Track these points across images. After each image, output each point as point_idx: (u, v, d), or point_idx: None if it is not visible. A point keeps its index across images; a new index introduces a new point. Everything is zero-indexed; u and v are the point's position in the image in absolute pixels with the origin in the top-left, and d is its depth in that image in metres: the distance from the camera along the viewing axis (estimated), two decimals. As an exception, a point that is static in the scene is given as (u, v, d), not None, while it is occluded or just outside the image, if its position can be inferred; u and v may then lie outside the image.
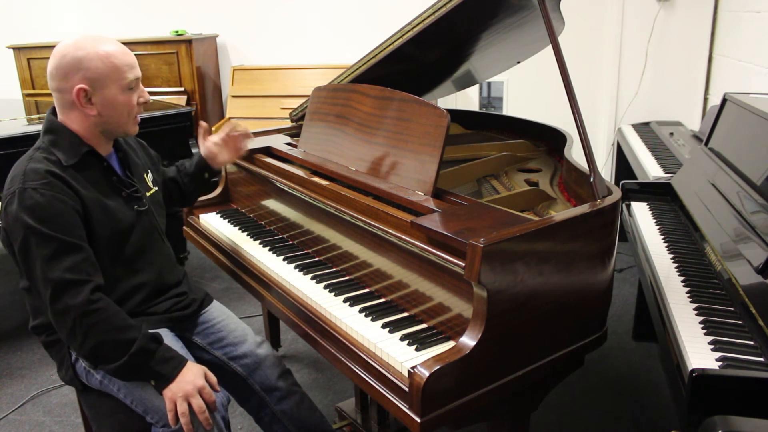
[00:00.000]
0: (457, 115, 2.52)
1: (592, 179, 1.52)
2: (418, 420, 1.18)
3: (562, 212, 1.42)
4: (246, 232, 2.04)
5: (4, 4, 4.88)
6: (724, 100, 2.23)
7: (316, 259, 1.81)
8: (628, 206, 2.30)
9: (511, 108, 4.22)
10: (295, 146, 2.10)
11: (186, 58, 4.19)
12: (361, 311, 1.49)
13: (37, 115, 3.33)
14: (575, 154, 1.84)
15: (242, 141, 1.93)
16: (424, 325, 1.42)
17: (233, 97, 4.26)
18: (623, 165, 3.45)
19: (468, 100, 4.34)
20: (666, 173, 2.63)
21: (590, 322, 1.49)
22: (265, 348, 1.78)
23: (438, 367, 1.17)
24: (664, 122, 3.64)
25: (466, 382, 1.23)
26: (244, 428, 2.30)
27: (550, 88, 2.84)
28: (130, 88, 1.54)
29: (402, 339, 1.36)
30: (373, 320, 1.45)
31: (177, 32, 4.29)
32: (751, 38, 3.14)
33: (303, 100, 2.28)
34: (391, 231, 1.46)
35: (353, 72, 2.05)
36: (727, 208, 1.80)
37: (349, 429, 2.06)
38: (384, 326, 1.42)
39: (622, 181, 2.37)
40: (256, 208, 2.17)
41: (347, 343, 1.41)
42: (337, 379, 2.58)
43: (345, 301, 1.55)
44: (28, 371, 2.74)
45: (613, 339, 2.82)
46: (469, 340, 1.23)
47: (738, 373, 1.23)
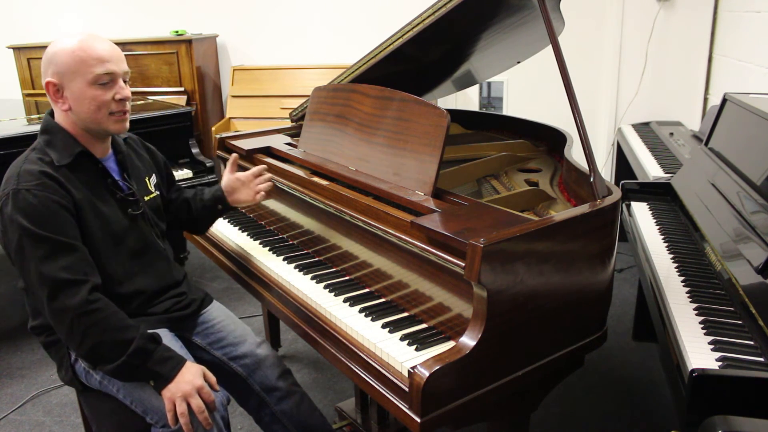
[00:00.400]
0: (457, 115, 2.52)
1: (592, 179, 1.52)
2: (418, 420, 1.18)
3: (562, 212, 1.42)
4: (246, 232, 2.05)
5: (4, 4, 4.88)
6: (724, 100, 2.23)
7: (316, 259, 1.81)
8: (628, 206, 2.30)
9: (511, 108, 4.22)
10: (295, 146, 2.10)
11: (186, 58, 4.19)
12: (361, 311, 1.49)
13: (37, 115, 3.33)
14: (575, 154, 1.84)
15: (264, 186, 1.88)
16: (424, 325, 1.42)
17: (233, 97, 4.26)
18: (623, 165, 3.45)
19: (468, 100, 4.34)
20: (666, 173, 2.63)
21: (590, 322, 1.49)
22: (265, 348, 1.78)
23: (438, 367, 1.17)
24: (664, 122, 3.64)
25: (466, 382, 1.23)
26: (244, 428, 2.30)
27: (550, 88, 2.84)
28: (101, 83, 1.49)
29: (402, 339, 1.36)
30: (373, 320, 1.45)
31: (177, 32, 4.29)
32: (751, 38, 3.14)
33: (303, 100, 2.28)
34: (391, 231, 1.46)
35: (353, 72, 2.05)
36: (727, 208, 1.80)
37: (349, 429, 2.06)
38: (384, 326, 1.42)
39: (622, 181, 2.37)
40: (256, 208, 2.17)
41: (347, 343, 1.41)
42: (337, 379, 2.58)
43: (345, 301, 1.55)
44: (28, 371, 2.74)
45: (613, 339, 2.82)
46: (469, 340, 1.23)
47: (738, 373, 1.23)
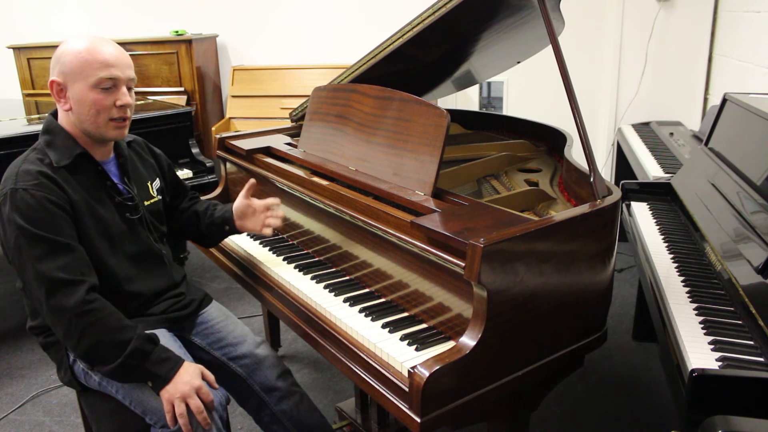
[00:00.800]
0: (457, 115, 2.52)
1: (592, 179, 1.52)
2: (418, 420, 1.18)
3: (562, 212, 1.42)
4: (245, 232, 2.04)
5: (4, 4, 4.88)
6: (724, 100, 2.23)
7: (316, 259, 1.81)
8: (628, 206, 2.30)
9: (511, 108, 4.22)
10: (295, 146, 2.10)
11: (186, 58, 4.19)
12: (361, 311, 1.49)
13: (37, 115, 3.32)
14: (575, 154, 1.84)
15: (274, 222, 1.83)
16: (424, 325, 1.42)
17: (233, 97, 4.26)
18: (623, 165, 3.45)
19: (468, 100, 4.34)
20: (666, 173, 2.63)
21: (590, 322, 1.49)
22: (265, 348, 1.78)
23: (438, 367, 1.17)
24: (664, 122, 3.64)
25: (466, 382, 1.23)
26: (244, 428, 2.30)
27: (550, 88, 2.83)
28: (103, 88, 1.49)
29: (402, 339, 1.36)
30: (373, 320, 1.45)
31: (177, 32, 4.29)
32: (751, 38, 3.14)
33: (303, 100, 2.28)
34: (391, 231, 1.46)
35: (353, 72, 2.05)
36: (727, 208, 1.80)
37: (349, 429, 2.06)
38: (384, 326, 1.42)
39: (622, 181, 2.37)
40: (256, 208, 2.17)
41: (347, 343, 1.41)
42: (337, 379, 2.58)
43: (345, 301, 1.55)
44: (28, 371, 2.74)
45: (613, 339, 2.82)
46: (469, 340, 1.23)
47: (738, 373, 1.23)
